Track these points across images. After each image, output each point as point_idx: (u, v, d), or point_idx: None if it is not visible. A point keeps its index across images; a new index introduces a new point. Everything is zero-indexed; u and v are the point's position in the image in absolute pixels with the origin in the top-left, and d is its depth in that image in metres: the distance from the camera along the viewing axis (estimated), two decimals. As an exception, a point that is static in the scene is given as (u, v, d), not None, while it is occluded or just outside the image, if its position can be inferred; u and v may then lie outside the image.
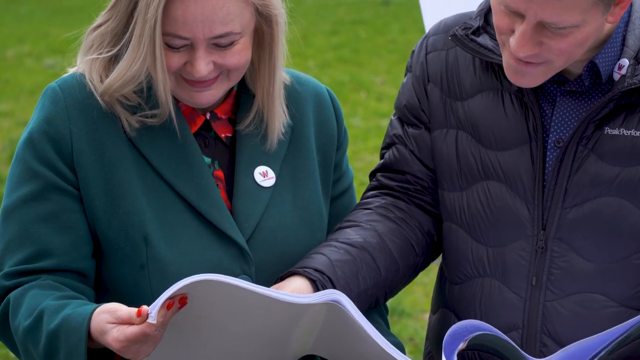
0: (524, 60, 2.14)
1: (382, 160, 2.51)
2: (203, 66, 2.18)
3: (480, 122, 2.33)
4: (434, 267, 7.05)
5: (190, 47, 2.18)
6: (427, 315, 6.31)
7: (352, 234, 2.33)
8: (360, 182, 6.42)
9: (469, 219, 2.36)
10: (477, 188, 2.34)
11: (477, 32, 2.30)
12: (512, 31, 2.13)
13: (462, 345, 2.04)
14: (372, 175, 2.54)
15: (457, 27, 2.33)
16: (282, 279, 2.23)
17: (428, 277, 6.57)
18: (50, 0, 22.21)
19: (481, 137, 2.33)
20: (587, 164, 2.23)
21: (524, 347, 2.27)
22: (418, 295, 6.37)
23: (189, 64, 2.19)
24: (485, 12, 2.31)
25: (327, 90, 2.50)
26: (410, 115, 2.45)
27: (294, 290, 2.17)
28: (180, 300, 1.97)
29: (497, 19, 2.16)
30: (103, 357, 2.13)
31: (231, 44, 2.20)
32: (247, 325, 2.11)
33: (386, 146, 2.51)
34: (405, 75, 2.51)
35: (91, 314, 2.04)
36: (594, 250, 2.24)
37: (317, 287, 2.19)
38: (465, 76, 2.37)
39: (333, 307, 2.07)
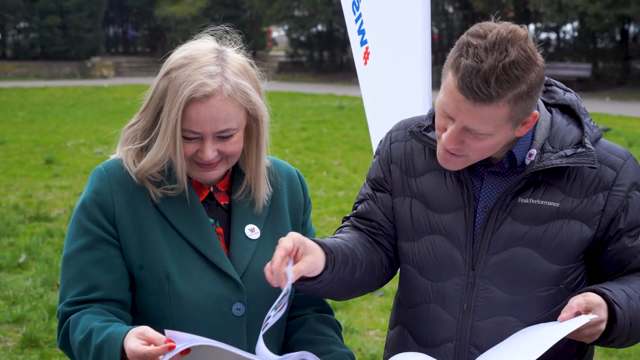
0: (450, 151, 2.16)
1: (355, 210, 2.46)
2: (210, 153, 2.20)
3: (428, 193, 2.32)
4: (376, 298, 7.03)
5: (201, 139, 2.20)
6: (371, 332, 6.30)
7: (342, 238, 2.28)
8: (322, 236, 6.40)
9: (419, 262, 2.32)
10: (425, 240, 2.31)
11: (427, 129, 2.32)
12: (446, 129, 2.14)
13: None
14: (346, 219, 2.46)
15: (413, 125, 2.33)
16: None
17: (372, 305, 6.56)
18: (99, 106, 22.37)
19: (429, 204, 2.31)
20: (504, 224, 2.22)
21: (456, 356, 2.27)
22: (364, 318, 6.32)
23: (199, 151, 2.21)
24: (433, 116, 2.30)
25: (296, 171, 2.51)
26: (377, 184, 2.42)
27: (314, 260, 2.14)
28: (185, 351, 1.97)
29: (437, 119, 2.18)
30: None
31: (230, 136, 2.21)
32: None
33: (359, 201, 2.45)
34: (375, 157, 2.49)
35: (126, 333, 2.04)
36: (508, 285, 2.23)
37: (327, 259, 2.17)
38: (418, 160, 2.36)
39: None
